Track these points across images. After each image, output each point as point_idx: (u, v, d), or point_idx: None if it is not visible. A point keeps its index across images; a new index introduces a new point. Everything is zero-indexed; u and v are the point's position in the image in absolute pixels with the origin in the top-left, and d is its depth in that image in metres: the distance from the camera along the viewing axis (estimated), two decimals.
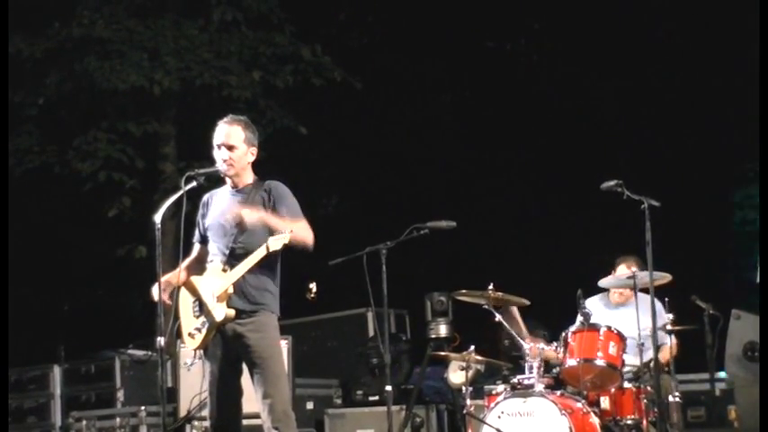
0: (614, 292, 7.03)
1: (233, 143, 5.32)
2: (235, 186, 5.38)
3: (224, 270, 5.17)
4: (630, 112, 12.32)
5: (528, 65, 13.50)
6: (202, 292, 5.23)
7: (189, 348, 5.38)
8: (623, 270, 6.88)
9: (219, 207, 5.37)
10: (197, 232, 5.48)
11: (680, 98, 11.97)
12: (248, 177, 5.39)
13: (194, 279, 5.30)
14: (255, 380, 5.16)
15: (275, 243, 5.07)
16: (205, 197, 5.47)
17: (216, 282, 5.18)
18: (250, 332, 5.16)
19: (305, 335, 10.18)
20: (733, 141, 11.39)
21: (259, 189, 5.32)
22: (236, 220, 5.17)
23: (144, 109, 10.79)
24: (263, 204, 5.27)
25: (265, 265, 5.20)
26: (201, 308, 5.21)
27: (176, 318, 5.29)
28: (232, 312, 5.14)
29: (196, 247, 5.48)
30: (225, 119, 5.43)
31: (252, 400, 5.23)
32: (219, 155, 5.34)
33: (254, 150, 5.40)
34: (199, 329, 5.21)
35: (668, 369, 6.46)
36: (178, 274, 5.31)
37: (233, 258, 5.18)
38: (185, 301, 5.31)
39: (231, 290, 5.14)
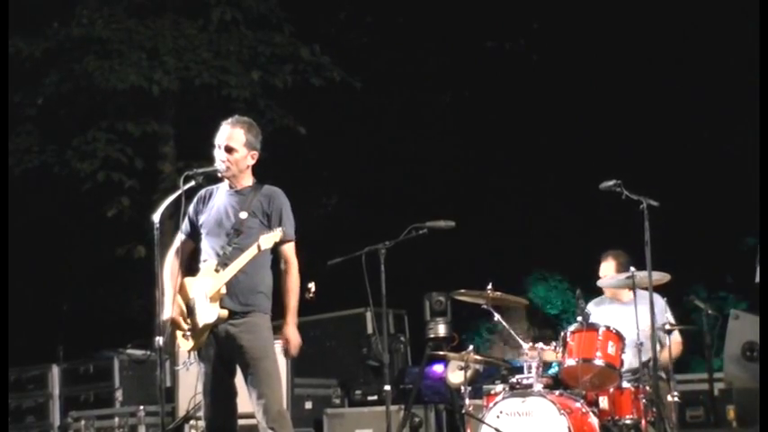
0: (613, 291, 7.02)
1: (233, 145, 5.29)
2: (232, 187, 5.37)
3: (216, 270, 5.16)
4: (630, 112, 12.32)
5: (528, 65, 13.50)
6: (195, 293, 5.21)
7: (183, 350, 5.37)
8: (606, 268, 6.89)
9: (216, 206, 5.35)
10: (186, 224, 5.39)
11: (680, 97, 11.99)
12: (247, 180, 5.38)
13: (187, 281, 5.28)
14: (249, 381, 5.14)
15: (266, 242, 5.07)
16: (202, 192, 5.41)
17: (208, 282, 5.16)
18: (242, 333, 5.14)
19: (304, 335, 10.03)
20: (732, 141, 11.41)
21: (257, 193, 5.30)
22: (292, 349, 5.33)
23: (143, 109, 10.79)
24: (261, 210, 5.26)
25: (257, 266, 5.19)
26: (194, 309, 5.20)
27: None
28: (225, 312, 5.13)
29: (180, 238, 5.37)
30: (230, 119, 5.40)
31: (248, 399, 5.22)
32: (218, 155, 5.33)
33: (255, 154, 5.36)
34: (192, 330, 5.20)
35: (667, 376, 6.44)
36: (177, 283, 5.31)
37: (227, 259, 5.17)
38: (183, 303, 5.30)
39: (224, 290, 5.12)
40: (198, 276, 5.26)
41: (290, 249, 5.26)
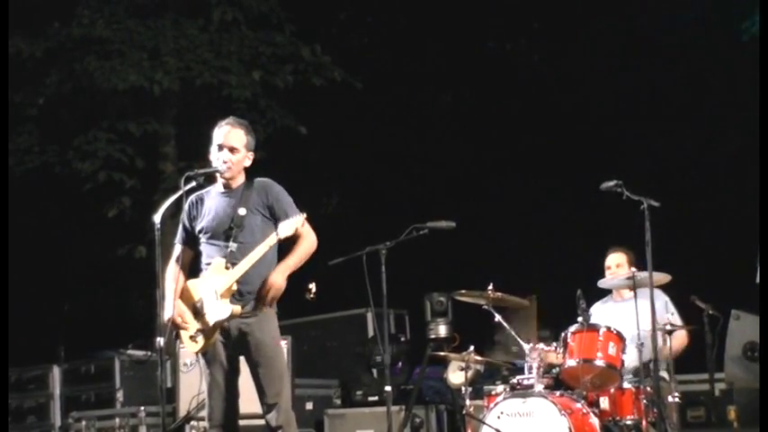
0: (617, 291, 7.02)
1: (235, 145, 5.33)
2: (227, 188, 5.38)
3: (227, 268, 5.16)
4: (630, 112, 12.30)
5: (528, 65, 13.49)
6: (204, 291, 5.21)
7: (192, 352, 5.36)
8: (617, 258, 6.89)
9: (213, 209, 5.36)
10: (181, 233, 5.43)
11: (680, 97, 11.96)
12: (241, 179, 5.41)
13: (191, 283, 5.28)
14: (261, 379, 5.16)
15: (285, 229, 5.08)
16: (192, 198, 5.41)
17: (219, 279, 5.16)
18: (256, 331, 5.17)
19: (305, 335, 10.17)
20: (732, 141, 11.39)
21: (250, 189, 5.32)
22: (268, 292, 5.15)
23: (144, 109, 10.80)
24: (261, 205, 5.27)
25: (266, 262, 5.20)
26: (204, 308, 5.20)
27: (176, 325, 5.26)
28: (238, 308, 5.13)
29: (178, 248, 5.41)
30: (227, 120, 5.42)
31: (250, 400, 5.23)
32: (220, 155, 5.33)
33: (251, 156, 5.41)
34: (202, 330, 5.18)
35: (668, 378, 6.44)
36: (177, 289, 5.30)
37: (234, 257, 5.17)
38: (184, 305, 5.30)
39: (236, 287, 5.13)
40: (204, 276, 5.26)
41: (300, 228, 5.24)
